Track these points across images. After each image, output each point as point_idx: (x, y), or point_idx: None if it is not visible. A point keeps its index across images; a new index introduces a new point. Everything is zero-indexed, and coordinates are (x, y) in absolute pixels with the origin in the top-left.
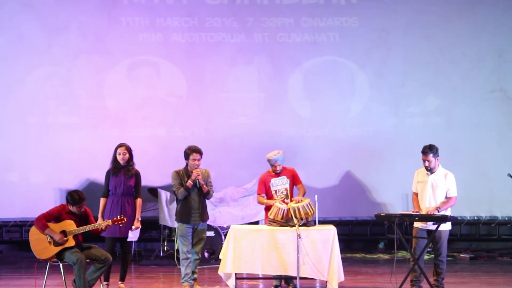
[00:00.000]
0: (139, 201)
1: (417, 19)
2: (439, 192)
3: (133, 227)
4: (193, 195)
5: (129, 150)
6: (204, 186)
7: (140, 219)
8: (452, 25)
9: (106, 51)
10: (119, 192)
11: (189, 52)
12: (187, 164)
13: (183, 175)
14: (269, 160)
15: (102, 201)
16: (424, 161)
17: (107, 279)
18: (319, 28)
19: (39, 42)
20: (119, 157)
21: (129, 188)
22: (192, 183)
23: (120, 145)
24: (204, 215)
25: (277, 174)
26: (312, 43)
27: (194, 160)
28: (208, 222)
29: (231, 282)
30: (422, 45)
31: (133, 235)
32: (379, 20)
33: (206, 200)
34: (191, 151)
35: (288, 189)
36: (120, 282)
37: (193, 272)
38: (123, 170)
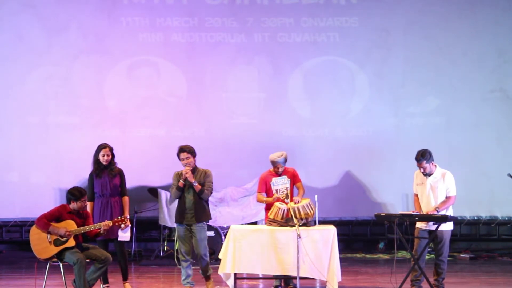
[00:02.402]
0: (126, 199)
1: (417, 19)
2: (439, 193)
3: (122, 225)
4: (187, 195)
5: (112, 150)
6: (195, 184)
7: (129, 217)
8: (452, 25)
9: (106, 51)
10: (107, 193)
11: (189, 52)
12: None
13: (181, 175)
14: (272, 161)
15: (89, 205)
16: (419, 167)
17: (105, 281)
18: (319, 28)
19: (39, 42)
20: (102, 158)
21: (115, 187)
22: (183, 183)
23: (104, 146)
24: (199, 216)
25: (278, 174)
26: (312, 43)
27: (183, 159)
28: (208, 222)
29: (230, 282)
30: (422, 45)
31: (124, 235)
32: (379, 20)
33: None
34: (178, 151)
35: (289, 188)
36: (124, 282)
37: (204, 271)
38: (105, 170)
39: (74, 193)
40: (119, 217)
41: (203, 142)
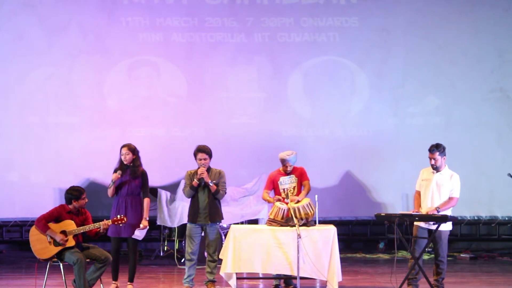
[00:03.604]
0: (146, 200)
1: (417, 19)
2: (443, 191)
3: (141, 225)
4: (200, 195)
5: (132, 150)
6: (211, 184)
7: (148, 219)
8: (452, 25)
9: (106, 51)
10: (124, 192)
11: (189, 52)
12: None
13: (194, 174)
14: (281, 160)
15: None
16: (430, 159)
17: (115, 278)
18: (319, 28)
19: (39, 42)
20: (122, 158)
21: (133, 188)
22: (198, 182)
23: (123, 146)
24: (213, 216)
25: (287, 173)
26: (312, 43)
27: (200, 159)
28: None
29: (232, 282)
30: (422, 45)
31: (139, 234)
32: (379, 20)
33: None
34: (197, 151)
35: (296, 187)
36: (128, 283)
37: (209, 274)
38: (129, 170)
39: (73, 193)
40: (118, 216)
41: (203, 142)
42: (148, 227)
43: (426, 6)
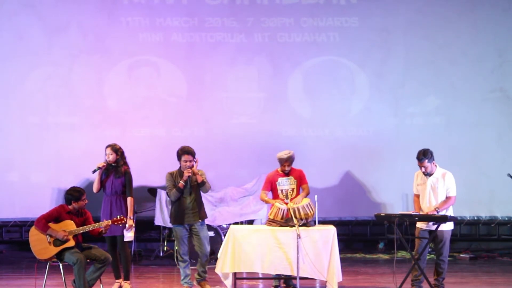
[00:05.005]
0: (129, 200)
1: (417, 19)
2: (439, 193)
3: (126, 225)
4: (186, 195)
5: (115, 150)
6: (198, 175)
7: (132, 218)
8: (452, 25)
9: (106, 51)
10: (108, 191)
11: (189, 52)
12: (180, 165)
13: (177, 176)
14: (280, 159)
15: None
16: (420, 167)
17: (117, 277)
18: (319, 28)
19: (39, 42)
20: (106, 157)
21: (116, 187)
22: (184, 184)
23: (107, 146)
24: (201, 214)
25: (285, 174)
26: (312, 43)
27: (186, 161)
28: (207, 222)
29: (228, 282)
30: (422, 45)
31: (129, 235)
32: (379, 20)
33: (206, 200)
34: (183, 153)
35: (295, 190)
36: (124, 282)
37: (203, 272)
38: (114, 170)
39: (73, 194)
40: (118, 216)
41: (203, 142)
42: (133, 225)
43: (426, 6)
